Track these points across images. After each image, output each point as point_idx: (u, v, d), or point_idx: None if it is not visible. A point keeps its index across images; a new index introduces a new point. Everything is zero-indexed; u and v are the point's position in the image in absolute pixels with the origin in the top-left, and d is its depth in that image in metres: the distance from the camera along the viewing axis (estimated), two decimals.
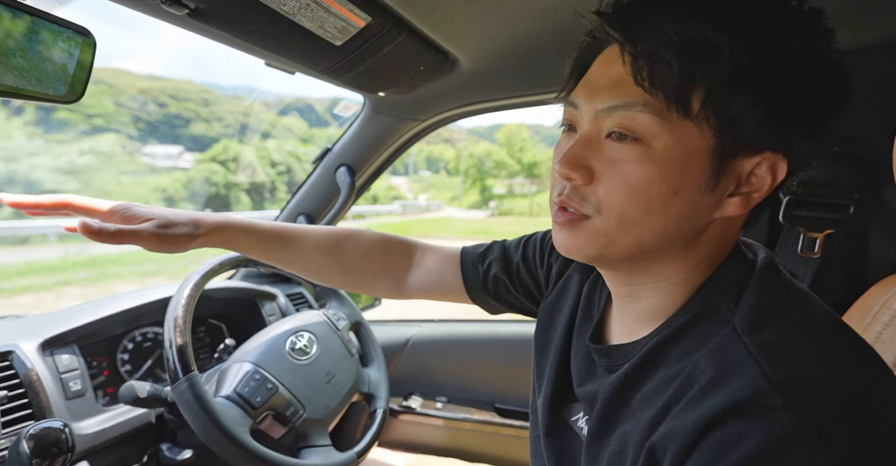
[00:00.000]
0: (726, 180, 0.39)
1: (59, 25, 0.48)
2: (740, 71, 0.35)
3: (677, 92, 0.36)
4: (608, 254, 0.42)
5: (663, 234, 0.40)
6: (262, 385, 0.81)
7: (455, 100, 1.07)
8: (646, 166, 0.38)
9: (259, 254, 0.66)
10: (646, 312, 0.46)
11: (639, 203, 0.39)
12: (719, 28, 0.35)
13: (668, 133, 0.37)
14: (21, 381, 0.71)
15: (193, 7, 0.57)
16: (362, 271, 0.71)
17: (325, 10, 0.63)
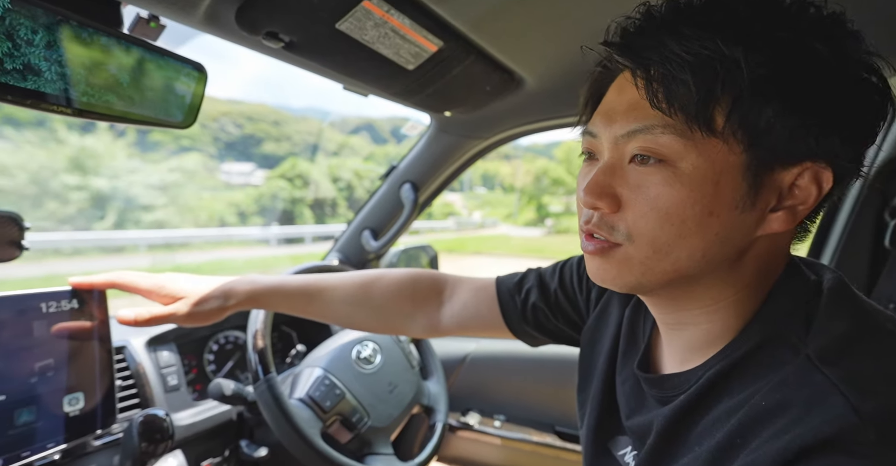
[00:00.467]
0: (766, 194, 0.37)
1: (180, 62, 0.55)
2: (763, 81, 0.34)
3: (697, 110, 0.35)
4: (646, 283, 0.40)
5: (704, 258, 0.38)
6: (332, 390, 0.85)
7: (519, 119, 1.08)
8: (674, 188, 0.36)
9: (291, 311, 0.68)
10: (697, 340, 0.43)
11: (672, 227, 0.37)
12: (733, 42, 0.34)
13: (695, 151, 0.36)
14: (131, 373, 0.80)
15: (288, 41, 0.63)
16: (393, 313, 0.69)
17: (401, 38, 0.68)
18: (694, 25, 0.35)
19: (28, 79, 0.41)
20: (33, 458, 0.61)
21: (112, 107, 0.49)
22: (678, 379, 0.43)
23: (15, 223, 0.61)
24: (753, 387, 0.37)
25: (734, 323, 0.41)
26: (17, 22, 0.38)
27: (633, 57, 0.38)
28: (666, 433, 0.42)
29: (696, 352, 0.43)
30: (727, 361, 0.40)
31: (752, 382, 0.37)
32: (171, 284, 0.64)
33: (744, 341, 0.40)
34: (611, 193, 0.39)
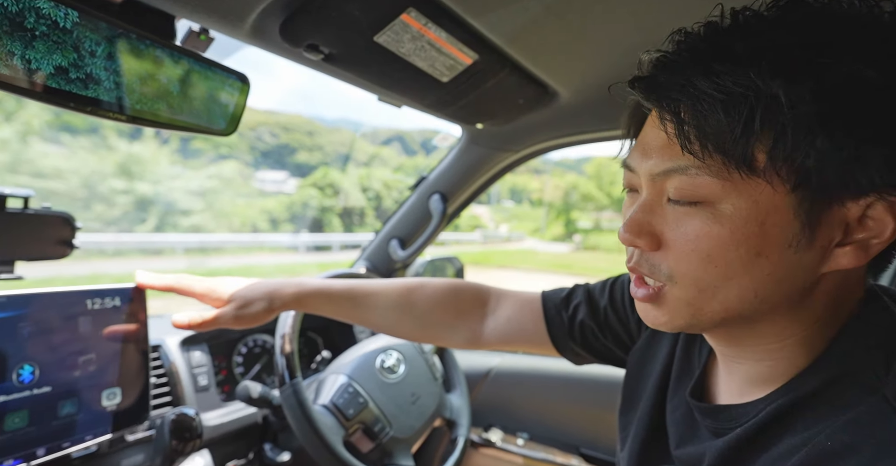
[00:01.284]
0: (826, 231, 0.34)
1: (226, 73, 0.58)
2: (807, 115, 0.31)
3: (734, 150, 0.32)
4: (698, 323, 0.38)
5: (756, 298, 0.36)
6: (355, 398, 0.85)
7: (551, 132, 1.08)
8: (715, 229, 0.34)
9: (335, 315, 0.69)
10: (759, 374, 0.41)
11: (715, 268, 0.35)
12: (770, 75, 0.31)
13: (734, 192, 0.34)
14: (165, 372, 0.83)
15: (328, 53, 0.65)
16: (435, 323, 0.69)
17: (437, 51, 0.69)
18: (726, 58, 0.33)
19: (89, 88, 0.43)
20: (73, 449, 0.63)
21: (162, 115, 0.52)
22: (736, 411, 0.41)
23: (68, 223, 0.64)
24: (819, 426, 0.34)
25: (801, 361, 0.39)
26: (83, 35, 0.41)
27: (659, 97, 0.36)
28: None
29: (756, 386, 0.41)
30: (791, 396, 0.37)
31: (818, 421, 0.35)
32: (221, 288, 0.67)
33: (812, 376, 0.37)
34: (649, 231, 0.38)
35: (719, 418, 0.42)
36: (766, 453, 0.37)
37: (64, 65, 0.40)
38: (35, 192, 0.62)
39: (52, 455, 0.60)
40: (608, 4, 0.61)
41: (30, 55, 0.37)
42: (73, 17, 0.40)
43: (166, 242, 11.53)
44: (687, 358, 0.51)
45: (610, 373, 1.22)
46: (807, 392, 0.37)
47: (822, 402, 0.36)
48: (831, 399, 0.35)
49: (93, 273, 8.17)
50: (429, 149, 1.97)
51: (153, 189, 13.40)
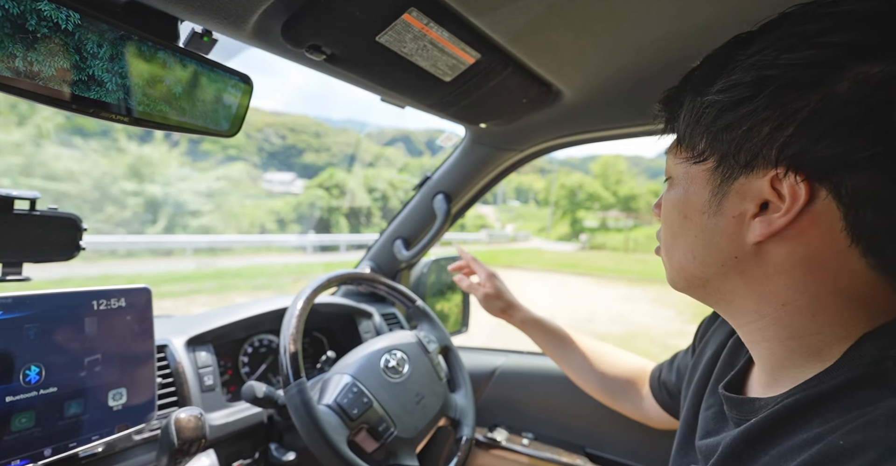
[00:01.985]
0: (734, 201, 0.40)
1: (229, 74, 0.58)
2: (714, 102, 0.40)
3: (676, 130, 0.45)
4: (678, 281, 0.47)
5: (696, 259, 0.43)
6: (359, 398, 0.85)
7: (555, 132, 1.07)
8: (667, 197, 0.46)
9: (542, 344, 0.97)
10: (783, 365, 0.42)
11: (668, 230, 0.46)
12: (682, 89, 0.44)
13: (678, 165, 0.45)
14: (171, 372, 0.83)
15: (330, 53, 0.65)
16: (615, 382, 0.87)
17: (439, 50, 0.69)
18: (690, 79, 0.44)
19: (92, 90, 0.44)
20: (79, 449, 0.63)
21: (165, 116, 0.52)
22: (759, 402, 0.43)
23: (74, 224, 0.65)
24: (836, 423, 0.34)
25: (825, 354, 0.39)
26: (85, 36, 0.42)
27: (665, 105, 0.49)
28: (729, 455, 0.41)
29: (782, 379, 0.42)
30: (810, 392, 0.38)
31: (834, 418, 0.35)
32: (493, 279, 1.02)
33: (835, 373, 0.38)
34: (658, 205, 0.49)
35: (743, 408, 0.44)
36: (780, 446, 0.37)
37: (66, 67, 0.41)
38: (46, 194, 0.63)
39: (58, 455, 0.61)
40: (611, 3, 0.61)
41: (32, 57, 0.38)
42: (74, 19, 0.40)
43: (176, 243, 11.63)
44: (730, 360, 0.54)
45: None
46: (827, 389, 0.37)
47: (843, 401, 0.36)
48: (853, 400, 0.35)
49: (104, 274, 8.28)
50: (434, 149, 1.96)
51: (163, 190, 13.54)
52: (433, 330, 1.12)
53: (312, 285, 0.93)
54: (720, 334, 0.60)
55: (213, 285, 8.44)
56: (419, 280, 1.41)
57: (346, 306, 1.24)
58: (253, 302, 1.11)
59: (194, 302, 6.79)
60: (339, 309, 1.23)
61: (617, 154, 32.40)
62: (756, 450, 0.39)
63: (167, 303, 6.44)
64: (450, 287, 1.48)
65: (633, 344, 5.61)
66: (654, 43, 0.70)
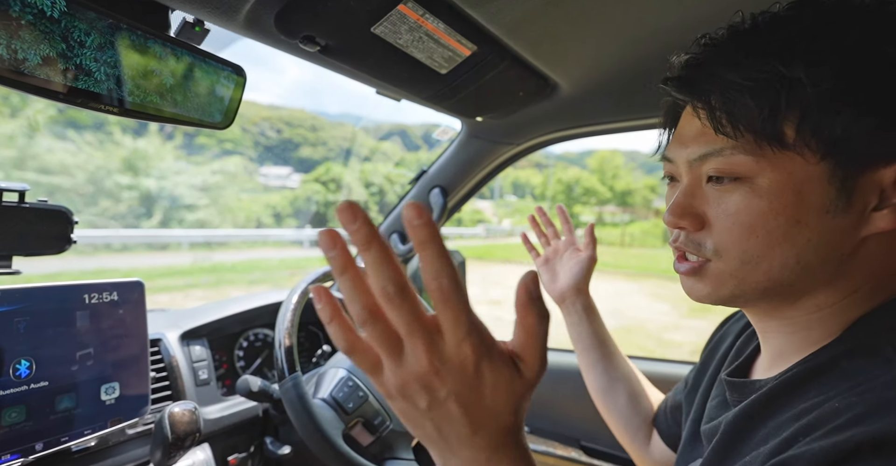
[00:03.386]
0: (861, 195, 0.36)
1: (221, 65, 0.57)
2: (829, 94, 0.35)
3: (764, 128, 0.37)
4: (741, 294, 0.41)
5: (799, 264, 0.38)
6: (355, 392, 0.85)
7: (551, 125, 1.07)
8: (754, 202, 0.38)
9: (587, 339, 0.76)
10: (790, 345, 0.42)
11: (757, 239, 0.38)
12: (792, 62, 0.35)
13: (769, 167, 0.37)
14: (165, 366, 0.83)
15: (324, 44, 0.64)
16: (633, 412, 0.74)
17: (434, 42, 0.68)
18: (751, 51, 0.37)
19: (80, 80, 0.43)
20: (71, 443, 0.63)
21: (155, 107, 0.52)
22: (759, 383, 0.43)
23: (65, 217, 0.64)
24: (832, 393, 0.36)
25: (835, 330, 0.40)
26: (71, 24, 0.41)
27: (691, 90, 0.40)
28: (730, 433, 0.41)
29: (784, 358, 0.43)
30: (808, 365, 0.39)
31: (830, 389, 0.36)
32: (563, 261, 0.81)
33: (830, 348, 0.39)
34: (692, 212, 0.41)
35: (743, 391, 0.44)
36: (776, 418, 0.38)
37: (52, 56, 0.40)
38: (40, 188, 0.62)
39: (50, 449, 0.60)
40: None
41: (16, 45, 0.37)
42: (60, 6, 0.39)
43: (172, 237, 11.58)
44: (738, 351, 0.54)
45: None
46: (823, 361, 0.38)
47: (837, 372, 0.37)
48: (847, 371, 0.36)
49: (100, 268, 8.24)
50: (431, 143, 1.96)
51: (158, 184, 13.46)
52: None
53: (308, 279, 0.92)
54: (736, 328, 0.59)
55: (210, 279, 8.42)
56: (416, 274, 1.41)
57: (341, 300, 1.23)
58: (248, 296, 1.11)
59: (190, 296, 6.78)
60: None
61: (614, 149, 32.43)
62: (755, 424, 0.40)
63: (163, 297, 6.42)
64: None
65: (630, 338, 5.65)
66: (651, 35, 0.69)
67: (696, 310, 7.33)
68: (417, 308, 0.29)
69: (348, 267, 0.29)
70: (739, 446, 0.40)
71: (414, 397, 0.30)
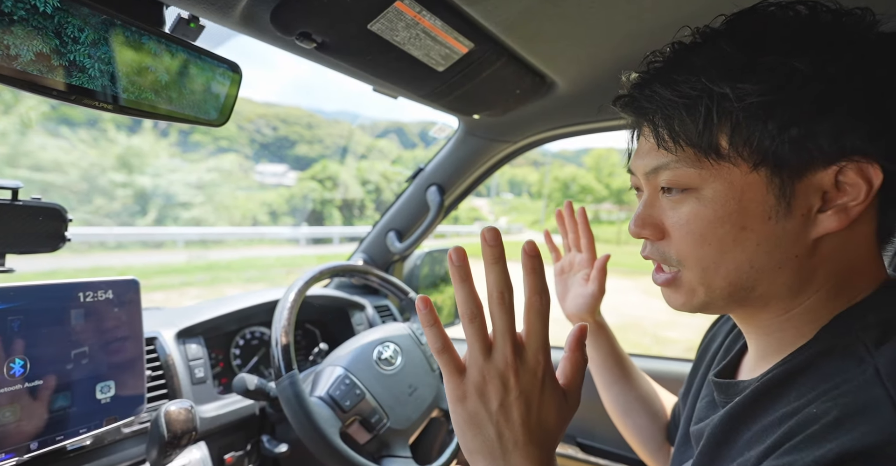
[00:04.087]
0: (803, 200, 0.38)
1: (217, 61, 0.57)
2: (755, 107, 0.37)
3: (699, 142, 0.39)
4: (711, 301, 0.42)
5: (753, 268, 0.40)
6: (352, 390, 0.85)
7: (548, 123, 1.07)
8: (701, 212, 0.40)
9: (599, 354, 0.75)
10: (768, 347, 0.44)
11: (710, 246, 0.40)
12: (719, 78, 0.37)
13: (711, 178, 0.40)
14: (161, 364, 0.83)
15: (320, 41, 0.64)
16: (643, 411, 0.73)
17: (431, 39, 0.67)
18: (684, 69, 0.39)
19: (73, 76, 0.42)
20: (67, 442, 0.63)
21: (151, 105, 0.51)
22: (744, 384, 0.44)
23: (59, 215, 0.63)
24: (810, 395, 0.37)
25: (807, 331, 0.41)
26: (65, 20, 0.40)
27: (635, 110, 0.43)
28: (716, 436, 0.42)
29: (766, 359, 0.44)
30: (787, 367, 0.40)
31: (809, 391, 0.37)
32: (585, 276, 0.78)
33: (806, 349, 0.40)
34: (653, 223, 0.44)
35: (729, 392, 0.46)
36: (762, 421, 0.39)
37: (45, 52, 0.39)
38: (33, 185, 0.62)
39: (45, 448, 0.60)
40: None
41: (8, 41, 0.36)
42: (53, 2, 0.39)
43: (167, 235, 11.52)
44: (726, 351, 0.55)
45: None
46: (800, 362, 0.39)
47: (814, 374, 0.38)
48: (821, 371, 0.38)
49: (95, 266, 8.19)
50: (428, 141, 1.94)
51: (153, 182, 13.37)
52: None
53: (304, 277, 0.92)
54: (725, 328, 0.60)
55: (205, 277, 8.38)
56: (412, 272, 1.41)
57: (338, 298, 1.23)
58: (244, 294, 1.10)
59: (186, 294, 6.75)
60: (331, 301, 1.23)
61: (609, 147, 32.50)
62: (740, 427, 0.41)
63: (158, 296, 6.39)
64: (443, 278, 1.47)
65: (626, 335, 5.66)
66: (648, 33, 0.69)
67: None
68: (514, 314, 0.38)
69: (468, 278, 0.39)
70: (725, 449, 0.41)
71: (489, 395, 0.38)
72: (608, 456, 1.13)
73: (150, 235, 11.32)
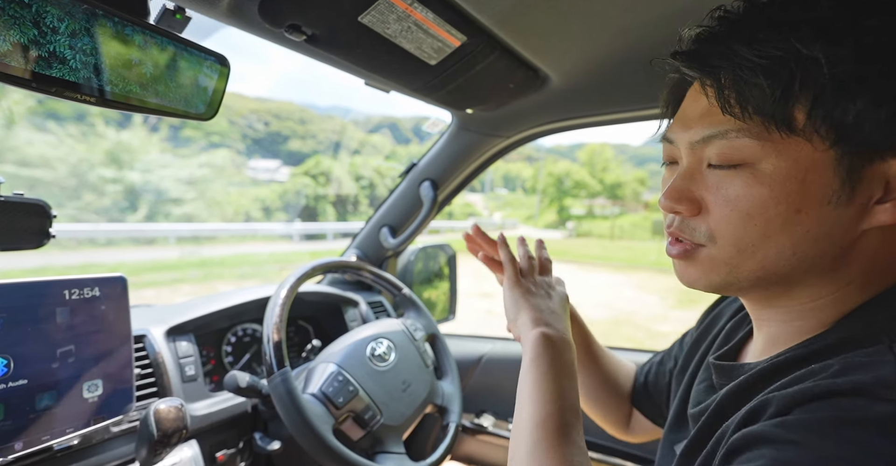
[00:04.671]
0: (866, 187, 0.35)
1: (204, 54, 0.56)
2: (847, 77, 0.32)
3: (774, 111, 0.34)
4: (734, 282, 0.40)
5: (795, 256, 0.37)
6: (345, 386, 0.85)
7: (542, 117, 1.06)
8: (755, 189, 0.36)
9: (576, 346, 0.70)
10: (785, 333, 0.42)
11: (755, 227, 0.36)
12: (811, 39, 0.33)
13: (774, 153, 0.35)
14: (150, 362, 0.81)
15: (310, 34, 0.63)
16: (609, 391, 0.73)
17: (424, 32, 0.66)
18: (768, 26, 0.34)
19: (54, 67, 0.41)
20: (53, 442, 0.62)
21: (136, 97, 0.50)
22: (748, 366, 0.42)
23: (42, 211, 0.62)
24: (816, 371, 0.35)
25: (829, 320, 0.39)
26: (43, 9, 0.39)
27: (701, 66, 0.37)
28: (718, 410, 0.41)
29: (777, 345, 0.42)
30: (800, 351, 0.38)
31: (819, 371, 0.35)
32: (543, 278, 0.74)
33: (826, 336, 0.38)
34: (690, 197, 0.40)
35: (732, 374, 0.44)
36: (759, 397, 0.37)
37: (23, 42, 0.38)
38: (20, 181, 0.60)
39: (30, 448, 0.59)
40: None
41: None
42: None
43: (158, 231, 11.41)
44: (729, 336, 0.53)
45: None
46: (817, 348, 0.37)
47: (828, 358, 0.36)
48: (838, 355, 0.36)
49: (84, 263, 8.10)
50: (422, 136, 1.95)
51: (143, 178, 13.21)
52: (420, 318, 1.11)
53: (296, 273, 0.91)
54: (730, 310, 0.58)
55: (198, 274, 8.32)
56: (406, 268, 1.40)
57: (332, 294, 1.22)
58: (236, 290, 1.09)
59: (178, 291, 6.69)
60: (325, 297, 1.22)
61: (603, 142, 32.58)
62: (739, 403, 0.39)
63: (150, 293, 6.33)
64: (437, 275, 1.47)
65: (619, 329, 5.71)
66: (641, 26, 0.68)
67: (684, 301, 7.43)
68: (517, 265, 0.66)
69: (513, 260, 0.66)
70: (721, 423, 0.40)
71: (532, 289, 0.62)
72: (602, 450, 1.14)
73: (141, 232, 11.21)
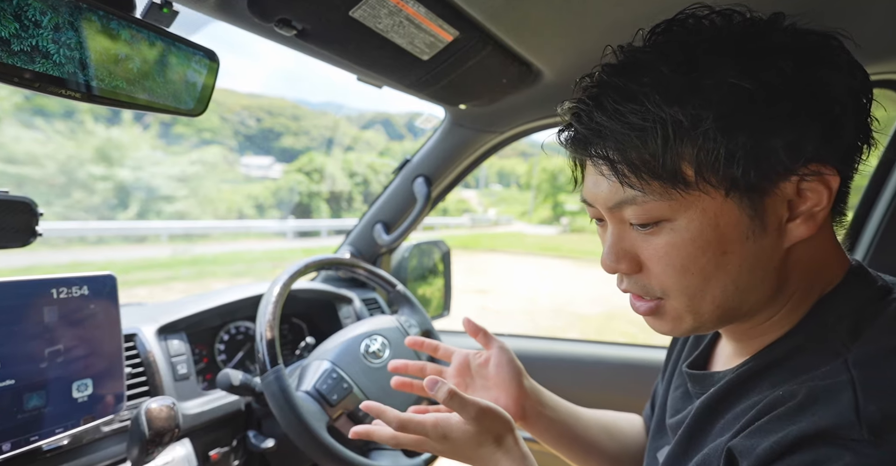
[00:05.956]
0: (772, 213, 0.38)
1: (193, 49, 0.55)
2: (713, 131, 0.35)
3: (664, 174, 0.37)
4: (701, 324, 0.42)
5: (738, 289, 0.39)
6: (339, 383, 0.85)
7: (535, 113, 1.06)
8: (679, 243, 0.39)
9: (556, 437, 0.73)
10: (749, 346, 0.45)
11: (693, 276, 0.39)
12: (664, 104, 0.36)
13: (682, 208, 0.38)
14: (141, 361, 0.81)
15: (300, 28, 0.62)
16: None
17: (416, 27, 0.66)
18: (624, 98, 0.37)
19: (36, 62, 0.40)
20: (42, 443, 0.61)
21: (124, 93, 0.49)
22: (718, 375, 0.46)
23: (28, 209, 0.61)
24: (782, 387, 0.38)
25: (784, 329, 0.43)
26: (25, 2, 0.38)
27: (586, 149, 0.40)
28: (692, 426, 0.44)
29: (742, 353, 0.46)
30: (762, 359, 0.41)
31: (783, 382, 0.38)
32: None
33: (783, 344, 0.41)
34: (627, 256, 0.42)
35: (704, 383, 0.47)
36: (734, 410, 0.41)
37: (4, 36, 0.37)
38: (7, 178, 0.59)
39: (18, 449, 0.58)
40: None
41: None
42: None
43: (150, 229, 11.30)
44: (696, 340, 0.56)
45: (594, 353, 1.23)
46: (775, 357, 0.41)
47: (787, 366, 0.40)
48: (796, 364, 0.39)
49: (74, 261, 8.01)
50: (416, 132, 1.93)
51: (134, 175, 13.07)
52: (414, 315, 1.11)
53: (289, 270, 0.91)
54: None
55: (190, 272, 8.26)
56: (400, 264, 1.40)
57: (325, 291, 1.22)
58: (229, 288, 1.09)
59: (171, 289, 6.64)
60: (318, 294, 1.21)
61: None
62: (715, 416, 0.42)
63: (142, 291, 6.27)
64: (431, 271, 1.47)
65: (612, 324, 5.75)
66: (633, 22, 0.68)
67: None
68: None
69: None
70: (700, 437, 0.43)
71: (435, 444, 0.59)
72: None
73: (132, 229, 11.09)
